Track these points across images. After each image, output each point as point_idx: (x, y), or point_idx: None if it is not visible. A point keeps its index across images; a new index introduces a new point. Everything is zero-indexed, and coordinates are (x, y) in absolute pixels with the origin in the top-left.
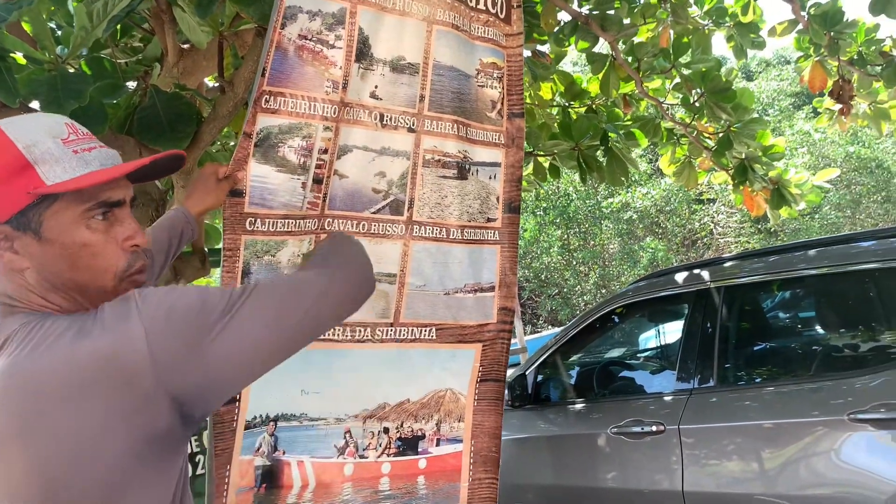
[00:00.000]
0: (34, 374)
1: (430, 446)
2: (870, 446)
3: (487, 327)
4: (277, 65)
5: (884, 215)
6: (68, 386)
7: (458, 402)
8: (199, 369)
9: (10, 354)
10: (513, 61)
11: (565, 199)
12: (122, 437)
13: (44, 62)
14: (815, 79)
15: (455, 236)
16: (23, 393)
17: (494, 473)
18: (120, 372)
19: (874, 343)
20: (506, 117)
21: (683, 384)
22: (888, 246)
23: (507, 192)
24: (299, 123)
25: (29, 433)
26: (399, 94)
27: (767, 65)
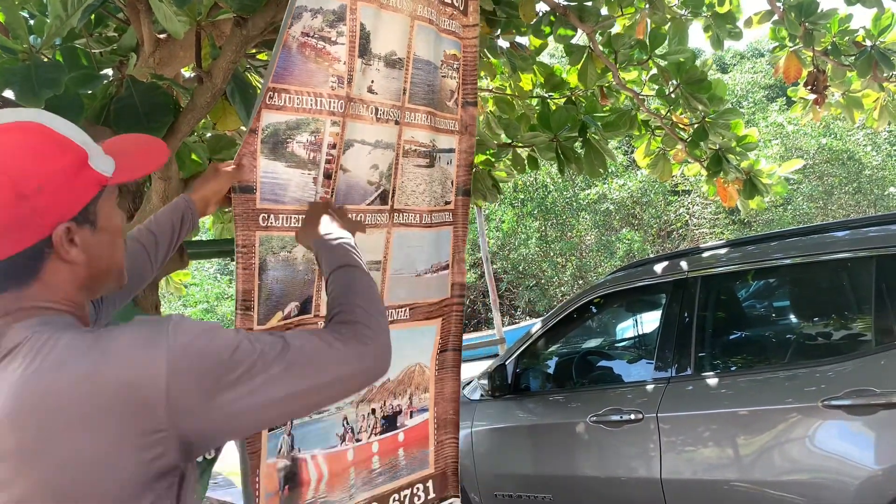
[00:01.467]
0: (54, 390)
1: (406, 419)
2: (843, 432)
3: (444, 302)
4: (282, 62)
5: (855, 206)
6: (87, 406)
7: (424, 375)
8: (208, 418)
9: (26, 365)
10: (468, 52)
11: (543, 190)
12: (132, 463)
13: (18, 52)
14: (789, 69)
15: (425, 221)
16: (41, 408)
17: (455, 434)
18: (136, 401)
19: (847, 331)
20: (460, 106)
21: (661, 373)
22: (859, 236)
23: (460, 177)
24: (306, 119)
25: (43, 449)
26: (390, 88)
27: (742, 57)
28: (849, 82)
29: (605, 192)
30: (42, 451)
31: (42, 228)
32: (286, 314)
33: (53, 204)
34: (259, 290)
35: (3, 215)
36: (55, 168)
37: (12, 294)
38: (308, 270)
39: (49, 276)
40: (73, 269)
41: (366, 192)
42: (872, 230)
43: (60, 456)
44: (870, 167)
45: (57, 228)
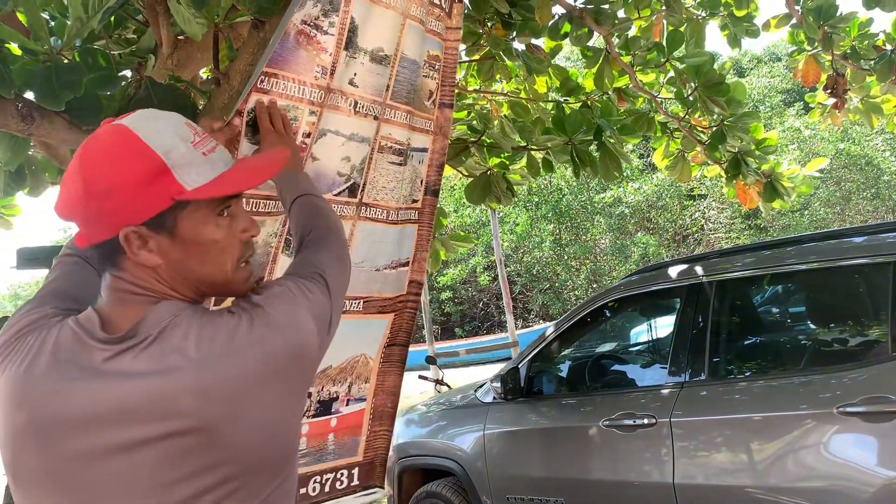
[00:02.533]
0: (236, 364)
1: (341, 406)
2: (858, 440)
3: (399, 298)
4: (280, 48)
5: (873, 212)
6: (267, 372)
7: (367, 366)
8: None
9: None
10: (449, 53)
11: (557, 193)
12: (299, 412)
13: (38, 53)
14: (808, 73)
15: (392, 218)
16: (227, 381)
17: (389, 427)
18: (304, 360)
19: (863, 337)
20: (437, 107)
21: (675, 377)
22: (877, 241)
23: (430, 176)
24: (287, 105)
25: (234, 415)
26: (372, 83)
27: (759, 61)
28: (868, 87)
29: (620, 196)
30: (233, 418)
31: (110, 228)
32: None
33: (122, 207)
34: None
35: (77, 210)
36: (129, 174)
37: (113, 277)
38: (265, 254)
39: (131, 270)
40: (153, 270)
41: (334, 182)
42: (889, 236)
43: (248, 423)
44: (888, 172)
45: (124, 230)
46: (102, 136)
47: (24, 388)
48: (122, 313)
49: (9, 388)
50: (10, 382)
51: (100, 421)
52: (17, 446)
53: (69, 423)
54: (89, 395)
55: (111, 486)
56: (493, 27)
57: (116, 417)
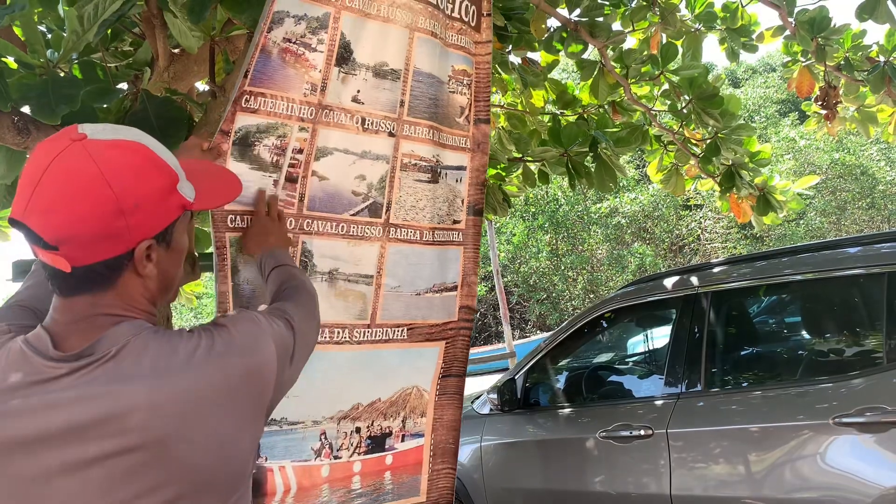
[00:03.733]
0: (189, 384)
1: (396, 442)
2: (854, 450)
3: (450, 325)
4: (260, 66)
5: (868, 221)
6: (221, 393)
7: (421, 399)
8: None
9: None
10: (481, 68)
11: (554, 204)
12: (252, 436)
13: (35, 66)
14: (802, 84)
15: (427, 238)
16: (180, 400)
17: (452, 464)
18: (260, 383)
19: (859, 348)
20: (472, 123)
21: (671, 388)
22: (872, 252)
23: (472, 195)
24: (276, 123)
25: (184, 436)
26: (381, 99)
27: (754, 72)
28: (863, 97)
29: (616, 206)
30: (184, 436)
31: (129, 243)
32: None
33: (144, 222)
34: (233, 292)
35: (100, 226)
36: (152, 188)
37: (85, 299)
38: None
39: (123, 286)
40: (145, 282)
41: (350, 202)
42: (884, 246)
43: (200, 440)
44: (883, 182)
45: (141, 244)
46: (115, 152)
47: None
48: (80, 334)
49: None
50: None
51: (52, 440)
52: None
53: (21, 444)
54: (41, 413)
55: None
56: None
57: (68, 435)
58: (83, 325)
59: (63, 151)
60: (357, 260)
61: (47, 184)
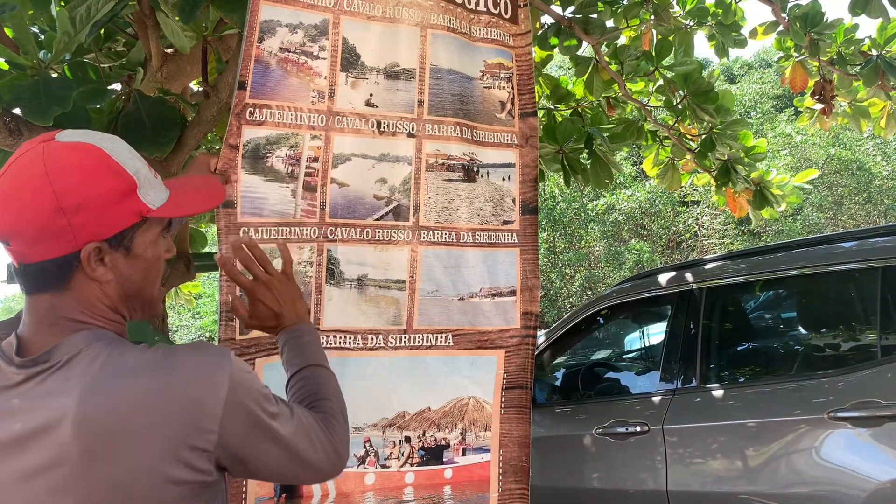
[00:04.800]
0: (125, 399)
1: (456, 455)
2: (849, 444)
3: (510, 332)
4: (259, 77)
5: (865, 216)
6: (155, 415)
7: (483, 411)
8: (243, 445)
9: (94, 375)
10: (522, 60)
11: (551, 201)
12: (183, 474)
13: (26, 67)
14: (796, 79)
15: (466, 240)
16: (111, 414)
17: (525, 484)
18: (198, 415)
19: (853, 342)
20: (517, 117)
21: (667, 384)
22: (866, 246)
23: (524, 193)
24: (286, 134)
25: (109, 452)
26: (396, 101)
27: (749, 67)
28: (855, 91)
29: (613, 203)
30: (108, 454)
31: (73, 243)
32: None
33: (90, 223)
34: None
35: (41, 223)
36: (100, 191)
37: (45, 299)
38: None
39: (78, 289)
40: (102, 286)
41: (373, 206)
42: (878, 240)
43: (124, 460)
44: (880, 177)
45: (87, 246)
46: (67, 152)
47: None
48: (42, 338)
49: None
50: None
51: (6, 448)
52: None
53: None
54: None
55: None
56: None
57: (17, 445)
58: (45, 327)
59: (26, 152)
60: (386, 265)
61: (2, 181)
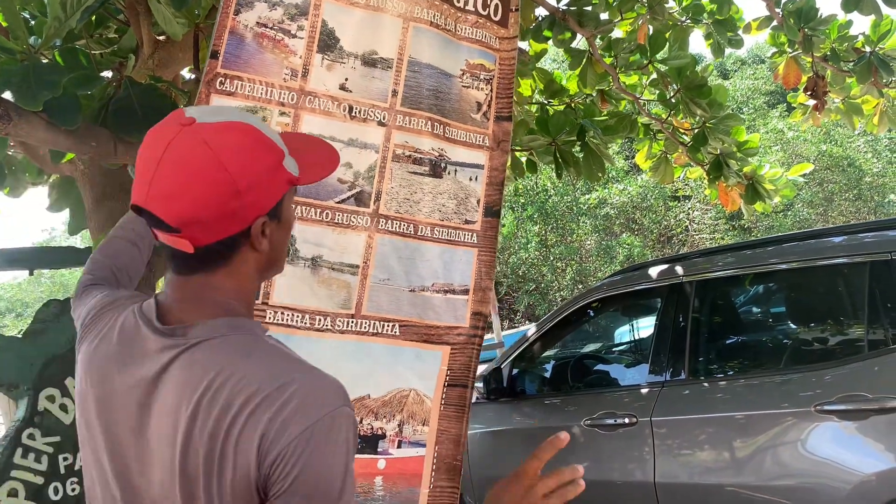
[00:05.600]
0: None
1: (391, 447)
2: (836, 437)
3: (458, 330)
4: (233, 49)
5: (855, 213)
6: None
7: (422, 405)
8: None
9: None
10: (505, 64)
11: (543, 194)
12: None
13: (16, 52)
14: (789, 75)
15: (424, 233)
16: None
17: (456, 482)
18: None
19: (840, 336)
20: (492, 120)
21: (656, 377)
22: (855, 241)
23: (489, 195)
24: (255, 107)
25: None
26: (370, 88)
27: (743, 63)
28: (848, 88)
29: (605, 197)
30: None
31: (245, 221)
32: None
33: (258, 200)
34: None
35: (219, 208)
36: (263, 167)
37: (201, 278)
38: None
39: (237, 264)
40: (258, 258)
41: (335, 189)
42: (867, 236)
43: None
44: (870, 174)
45: (256, 221)
46: (225, 135)
47: (91, 364)
48: (187, 313)
49: (83, 362)
50: (83, 356)
51: (142, 406)
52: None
53: (122, 404)
54: (137, 381)
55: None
56: None
57: (153, 407)
58: (194, 302)
59: (176, 137)
60: (342, 248)
61: (166, 170)
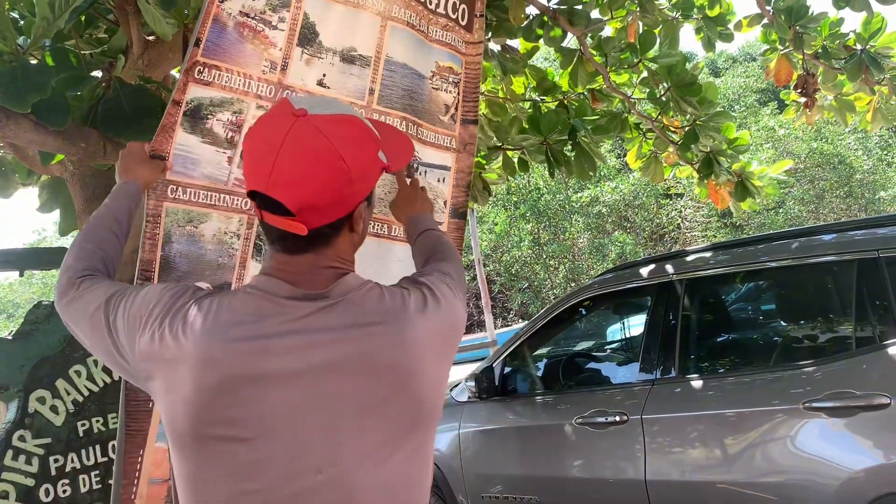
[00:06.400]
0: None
1: None
2: (824, 434)
3: None
4: (214, 37)
5: (846, 210)
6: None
7: None
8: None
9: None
10: (470, 68)
11: (536, 193)
12: (447, 379)
13: (4, 53)
14: (780, 72)
15: (396, 234)
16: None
17: None
18: (458, 335)
19: (828, 333)
20: (459, 122)
21: (646, 375)
22: (844, 239)
23: (455, 197)
24: (231, 98)
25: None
26: (349, 85)
27: (734, 61)
28: (841, 85)
29: (597, 195)
30: (418, 374)
31: (350, 206)
32: None
33: (364, 187)
34: (160, 262)
35: (334, 195)
36: (369, 157)
37: (309, 256)
38: (222, 253)
39: (338, 243)
40: (353, 238)
41: None
42: (856, 233)
43: (428, 378)
44: (861, 171)
45: (359, 206)
46: (340, 126)
47: (216, 348)
48: (310, 282)
49: (199, 351)
50: (196, 345)
51: (310, 374)
52: (204, 402)
53: (281, 378)
54: (294, 350)
55: (312, 436)
56: None
57: (324, 370)
58: (309, 276)
59: (294, 127)
60: None
61: (286, 159)
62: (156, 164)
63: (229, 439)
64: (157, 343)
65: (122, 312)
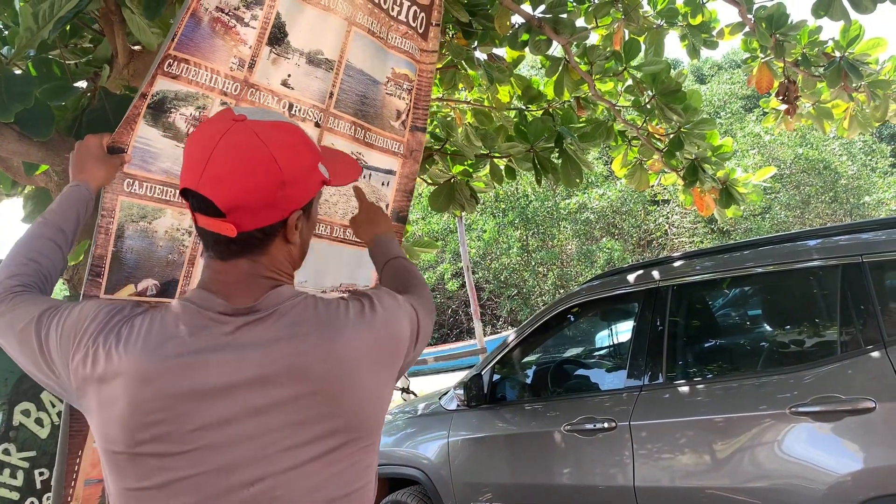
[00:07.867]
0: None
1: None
2: (810, 438)
3: None
4: (189, 32)
5: (831, 215)
6: (374, 355)
7: None
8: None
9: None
10: (423, 77)
11: (524, 200)
12: (389, 394)
13: None
14: (762, 80)
15: (338, 235)
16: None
17: None
18: (398, 351)
19: (814, 339)
20: (409, 129)
21: (634, 381)
22: (829, 244)
23: (398, 202)
24: (196, 93)
25: (350, 388)
26: (312, 87)
27: (719, 68)
28: (819, 93)
29: (585, 202)
30: (350, 387)
31: (284, 212)
32: (140, 290)
33: (297, 194)
34: (111, 258)
35: (265, 196)
36: (305, 165)
37: (244, 263)
38: (172, 250)
39: (273, 252)
40: (290, 249)
41: None
42: (840, 238)
43: (361, 391)
44: (845, 176)
45: (293, 214)
46: (276, 131)
47: (151, 365)
48: (243, 292)
49: (133, 368)
50: (131, 362)
51: (236, 387)
52: (140, 420)
53: (209, 393)
54: (225, 364)
55: (244, 450)
56: (455, 36)
57: (254, 384)
58: (244, 285)
59: (230, 129)
60: None
61: (219, 157)
62: (112, 161)
63: (163, 455)
64: (91, 360)
65: (54, 328)
